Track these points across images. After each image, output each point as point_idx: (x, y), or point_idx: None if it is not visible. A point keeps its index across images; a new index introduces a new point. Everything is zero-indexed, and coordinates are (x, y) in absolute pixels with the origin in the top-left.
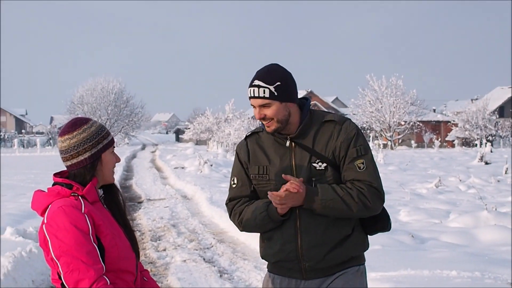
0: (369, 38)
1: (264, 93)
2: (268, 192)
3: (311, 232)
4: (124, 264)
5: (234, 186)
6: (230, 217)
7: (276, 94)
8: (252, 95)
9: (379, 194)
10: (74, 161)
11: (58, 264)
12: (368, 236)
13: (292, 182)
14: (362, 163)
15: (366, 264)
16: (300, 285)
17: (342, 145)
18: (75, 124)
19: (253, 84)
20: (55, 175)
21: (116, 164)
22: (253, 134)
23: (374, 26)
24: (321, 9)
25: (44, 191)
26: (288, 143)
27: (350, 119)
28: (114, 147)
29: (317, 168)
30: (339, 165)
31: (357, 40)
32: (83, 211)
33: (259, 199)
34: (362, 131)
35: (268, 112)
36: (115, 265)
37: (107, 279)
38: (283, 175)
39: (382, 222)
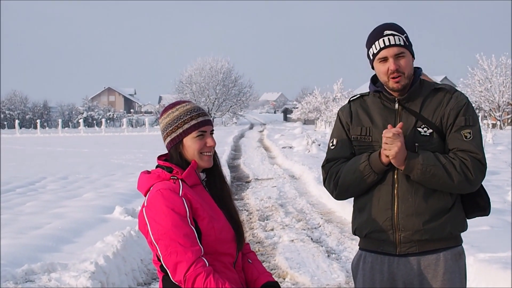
0: (480, 16)
1: (399, 41)
2: (389, 126)
3: (409, 200)
4: (223, 247)
5: (332, 147)
6: (325, 181)
7: (407, 44)
8: (388, 43)
9: (482, 167)
10: (165, 143)
11: (157, 247)
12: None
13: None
14: (469, 133)
15: (474, 245)
16: (393, 264)
17: (451, 112)
18: (166, 108)
19: (385, 34)
20: (159, 157)
21: (216, 146)
22: (358, 98)
23: (485, 5)
24: None
25: (148, 173)
26: (396, 105)
27: (461, 92)
28: (202, 131)
29: (422, 134)
30: (445, 134)
31: (467, 18)
32: (180, 194)
33: None
34: None
35: (402, 62)
36: (213, 248)
37: (205, 261)
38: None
39: (483, 204)
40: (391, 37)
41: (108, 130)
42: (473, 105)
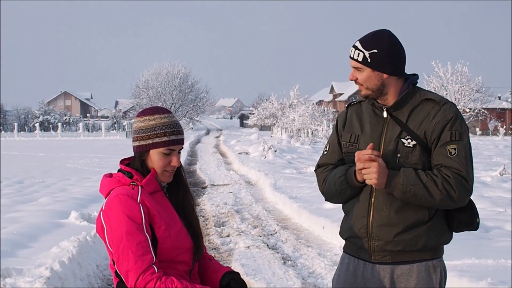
0: (434, 24)
1: (358, 56)
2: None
3: (384, 210)
4: (179, 255)
5: (325, 153)
6: (319, 185)
7: (369, 60)
8: (349, 55)
9: (466, 185)
10: (133, 144)
11: (112, 252)
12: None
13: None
14: (454, 149)
15: None
16: (367, 270)
17: (436, 126)
18: (144, 111)
19: (353, 44)
20: (122, 161)
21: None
22: (356, 104)
23: (440, 13)
24: None
25: (110, 176)
26: (385, 113)
27: (452, 102)
28: (170, 149)
29: (405, 145)
30: (430, 148)
31: (422, 26)
32: (138, 201)
33: None
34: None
35: (360, 76)
36: (169, 256)
37: (155, 268)
38: (369, 146)
39: (468, 218)
40: (353, 49)
41: (64, 135)
42: None
